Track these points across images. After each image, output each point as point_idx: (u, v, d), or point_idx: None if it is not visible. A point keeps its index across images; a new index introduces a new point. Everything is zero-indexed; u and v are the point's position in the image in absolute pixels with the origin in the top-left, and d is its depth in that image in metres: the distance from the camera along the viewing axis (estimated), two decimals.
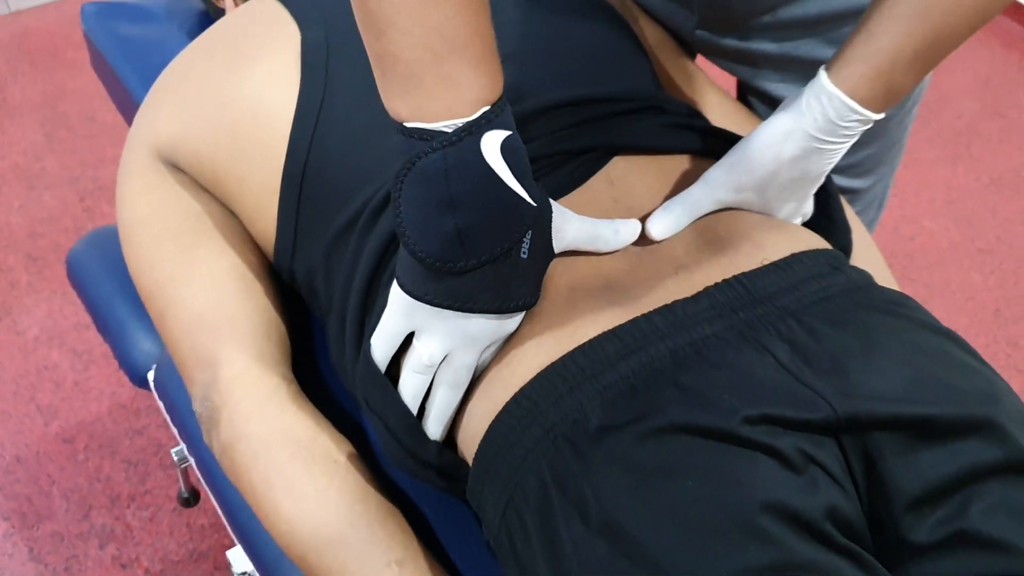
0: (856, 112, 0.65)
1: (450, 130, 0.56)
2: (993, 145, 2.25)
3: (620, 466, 0.57)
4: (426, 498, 0.75)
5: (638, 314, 0.64)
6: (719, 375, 0.60)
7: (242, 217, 0.80)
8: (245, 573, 0.92)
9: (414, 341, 0.64)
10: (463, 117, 0.57)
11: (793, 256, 0.69)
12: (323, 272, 0.75)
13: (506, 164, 0.58)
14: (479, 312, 0.62)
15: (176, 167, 0.81)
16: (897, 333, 0.65)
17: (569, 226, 0.66)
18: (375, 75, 0.58)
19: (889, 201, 1.03)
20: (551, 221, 0.64)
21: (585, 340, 0.63)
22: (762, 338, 0.62)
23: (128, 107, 1.11)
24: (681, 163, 0.77)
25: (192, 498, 1.13)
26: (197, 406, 0.74)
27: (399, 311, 0.63)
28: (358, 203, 0.72)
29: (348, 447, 0.72)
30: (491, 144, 0.58)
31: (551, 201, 0.64)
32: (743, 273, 0.67)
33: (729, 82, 1.03)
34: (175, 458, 1.01)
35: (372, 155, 0.73)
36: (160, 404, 0.92)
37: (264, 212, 0.78)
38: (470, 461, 0.66)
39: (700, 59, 1.01)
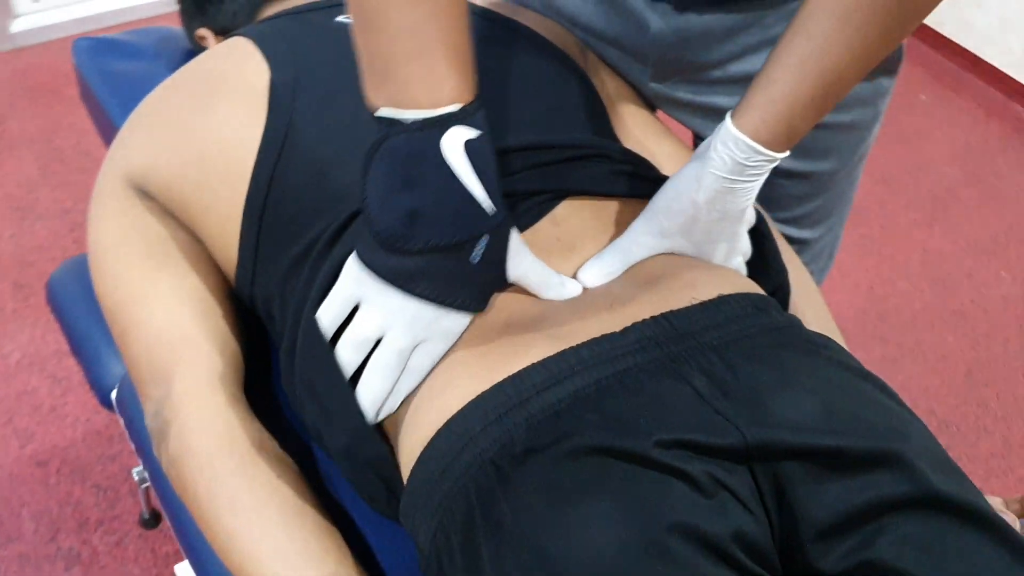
0: (760, 153, 0.70)
1: (415, 119, 0.62)
2: (971, 210, 2.30)
3: (537, 486, 0.60)
4: (365, 519, 0.77)
5: (567, 346, 0.67)
6: (637, 402, 0.63)
7: (207, 243, 0.84)
8: None
9: (356, 313, 0.68)
10: (429, 110, 0.62)
11: (721, 297, 0.72)
12: (278, 299, 0.78)
13: (470, 163, 0.64)
14: (418, 296, 0.66)
15: (147, 194, 0.84)
16: (813, 370, 0.68)
17: (523, 261, 0.70)
18: (362, 69, 0.64)
19: (864, 261, 1.06)
20: (508, 240, 0.68)
21: (516, 370, 0.65)
22: (682, 370, 0.65)
23: (112, 139, 1.15)
24: (624, 207, 0.80)
25: (152, 519, 1.15)
26: (149, 421, 0.77)
27: (349, 278, 0.68)
28: (313, 233, 0.76)
29: (292, 465, 0.75)
30: (453, 140, 0.63)
31: (515, 231, 0.68)
32: (671, 311, 0.70)
33: (687, 134, 1.07)
34: (136, 478, 1.03)
35: (329, 189, 0.77)
36: (121, 422, 0.95)
37: (227, 240, 0.81)
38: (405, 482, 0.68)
39: (660, 112, 1.06)
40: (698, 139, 1.05)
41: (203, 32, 1.07)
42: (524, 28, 0.93)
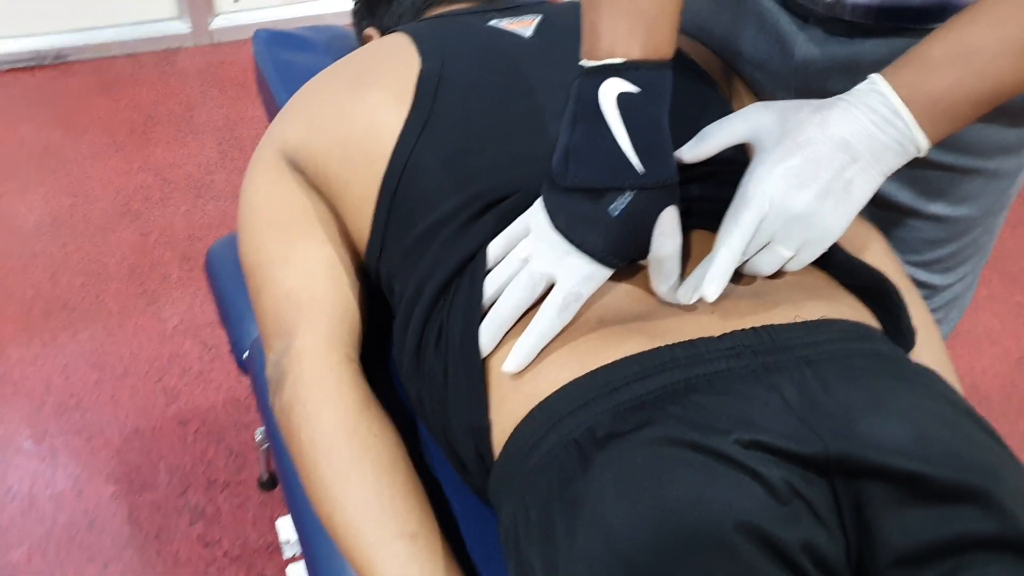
0: (902, 121, 0.69)
1: (588, 66, 0.71)
2: None
3: (615, 469, 0.62)
4: (451, 486, 0.81)
5: (662, 344, 0.69)
6: (722, 401, 0.64)
7: (344, 218, 0.90)
8: (288, 542, 1.00)
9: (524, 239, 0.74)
10: (595, 61, 0.70)
11: (824, 319, 0.72)
12: (400, 273, 0.83)
13: (620, 115, 0.69)
14: (554, 226, 0.71)
15: (297, 167, 0.91)
16: (910, 397, 0.67)
17: (669, 243, 0.71)
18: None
19: (1019, 329, 1.00)
20: (661, 208, 0.71)
21: (607, 362, 0.68)
22: (774, 379, 0.66)
23: None
24: None
25: (270, 482, 1.21)
26: (269, 370, 0.84)
27: (528, 211, 0.75)
28: (438, 213, 0.81)
29: (392, 428, 0.80)
30: (609, 89, 0.70)
31: (673, 209, 0.71)
32: (772, 324, 0.71)
33: None
34: (257, 438, 1.10)
35: (459, 173, 0.82)
36: (248, 383, 1.02)
37: (361, 215, 0.87)
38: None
39: None
40: None
41: (370, 31, 1.15)
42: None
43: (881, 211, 0.99)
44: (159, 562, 1.47)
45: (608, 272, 0.72)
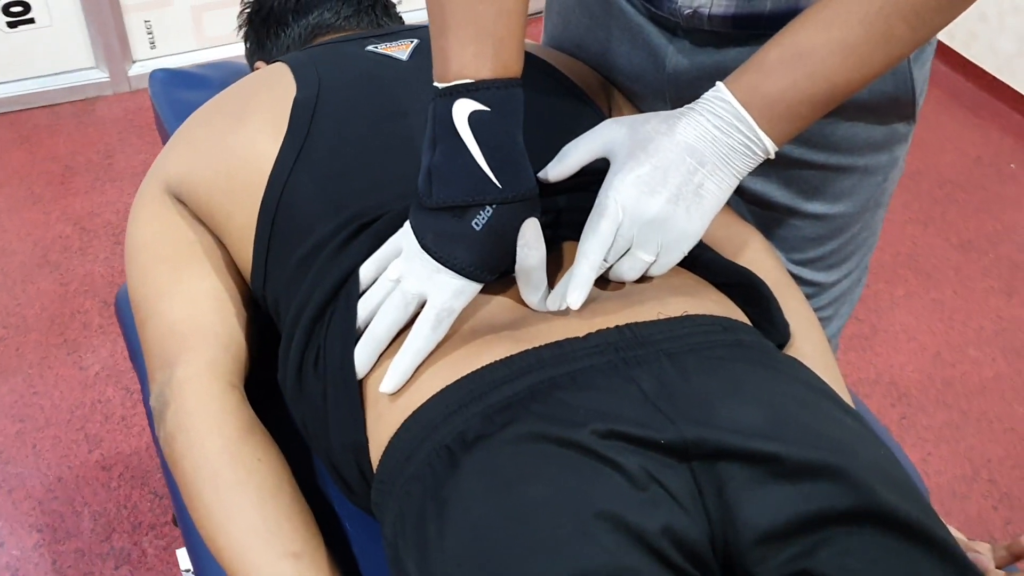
0: (746, 124, 0.73)
1: (441, 87, 0.72)
2: None
3: (480, 470, 0.64)
4: (344, 507, 0.82)
5: (529, 347, 0.71)
6: (583, 396, 0.66)
7: (229, 248, 0.91)
8: (188, 571, 0.99)
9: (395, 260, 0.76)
10: (445, 82, 0.72)
11: (687, 315, 0.75)
12: (284, 299, 0.85)
13: (473, 133, 0.71)
14: (421, 246, 0.72)
15: (180, 200, 0.92)
16: (769, 383, 0.70)
17: (533, 255, 0.74)
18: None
19: (934, 326, 1.03)
20: (522, 220, 0.73)
21: (478, 367, 0.70)
22: (634, 372, 0.68)
23: None
24: None
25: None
26: (153, 401, 0.84)
27: (399, 232, 0.76)
28: (316, 237, 0.82)
29: (277, 452, 0.80)
30: (461, 109, 0.71)
31: (533, 222, 0.73)
32: (635, 322, 0.73)
33: None
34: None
35: (336, 197, 0.83)
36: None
37: (245, 244, 0.88)
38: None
39: None
40: None
41: (260, 65, 1.17)
42: (541, 62, 0.99)
43: (762, 211, 1.03)
44: None
45: (478, 286, 0.73)
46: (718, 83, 0.75)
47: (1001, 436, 1.86)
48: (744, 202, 1.03)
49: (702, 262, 0.82)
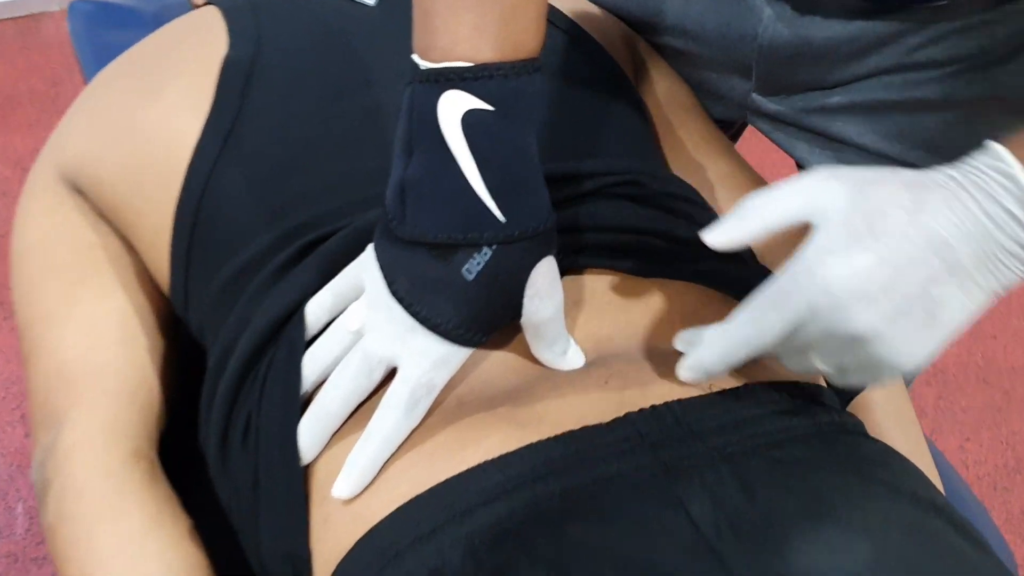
0: None
1: (425, 67, 0.50)
2: None
3: None
4: None
5: (535, 439, 0.51)
6: (609, 532, 0.46)
7: (142, 255, 0.70)
8: None
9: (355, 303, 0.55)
10: (429, 61, 0.50)
11: (748, 386, 0.54)
12: (210, 329, 0.64)
13: (467, 143, 0.49)
14: (392, 291, 0.51)
15: (79, 191, 0.71)
16: (864, 500, 0.50)
17: (550, 305, 0.53)
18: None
19: None
20: (532, 263, 0.51)
21: (461, 469, 0.50)
22: (679, 488, 0.48)
23: None
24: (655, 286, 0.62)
25: None
26: (34, 475, 0.64)
27: (360, 258, 0.55)
28: (248, 253, 0.61)
29: (191, 548, 0.60)
30: (450, 105, 0.49)
31: (550, 262, 0.52)
32: (680, 400, 0.53)
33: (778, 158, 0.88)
34: None
35: (269, 201, 0.62)
36: None
37: (159, 253, 0.67)
38: None
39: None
40: (800, 168, 0.86)
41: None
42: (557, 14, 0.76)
43: None
44: None
45: (468, 352, 0.53)
46: (992, 144, 0.49)
47: None
48: None
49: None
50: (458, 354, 0.52)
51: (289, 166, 0.63)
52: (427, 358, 0.51)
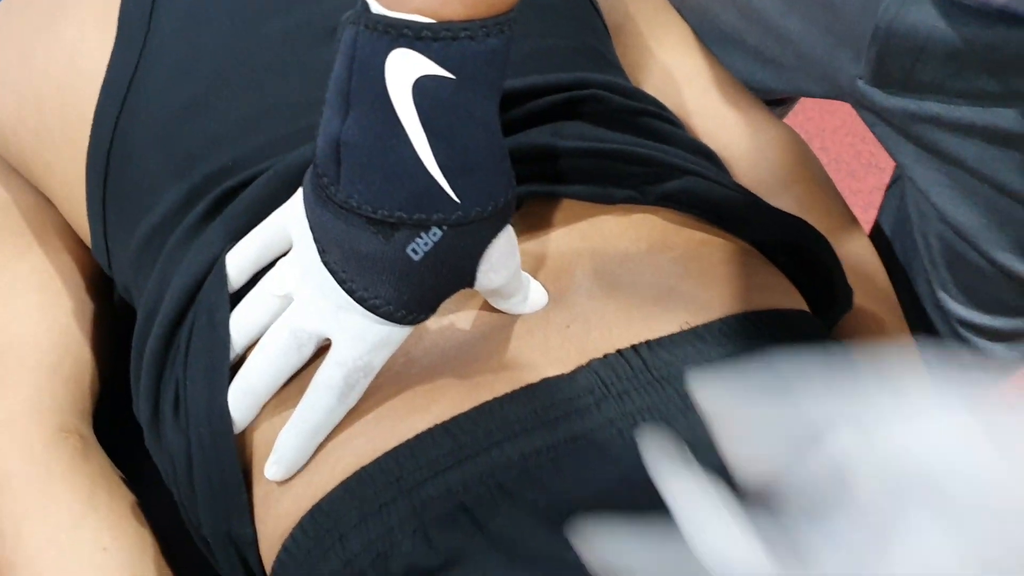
0: None
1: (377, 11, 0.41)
2: None
3: None
4: None
5: (489, 397, 0.46)
6: (576, 497, 0.43)
7: (60, 211, 0.64)
8: None
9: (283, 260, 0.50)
10: (386, 9, 0.41)
11: (726, 319, 0.49)
12: (135, 291, 0.58)
13: (419, 115, 0.41)
14: (324, 261, 0.45)
15: None
16: None
17: (505, 272, 0.47)
18: None
19: None
20: (486, 242, 0.45)
21: (408, 437, 0.45)
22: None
23: None
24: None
25: None
26: None
27: (286, 207, 0.49)
28: (164, 207, 0.55)
29: (131, 526, 0.55)
30: (400, 68, 0.41)
31: (508, 233, 0.46)
32: (648, 341, 0.48)
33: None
34: None
35: (179, 147, 0.55)
36: None
37: (76, 207, 0.61)
38: None
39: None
40: (905, 181, 0.74)
41: None
42: None
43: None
44: None
45: (409, 330, 0.47)
46: None
47: None
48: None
49: (737, 213, 0.56)
50: (399, 333, 0.46)
51: (198, 104, 0.56)
52: (364, 339, 0.45)
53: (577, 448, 0.44)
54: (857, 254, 0.68)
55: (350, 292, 0.44)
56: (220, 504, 0.50)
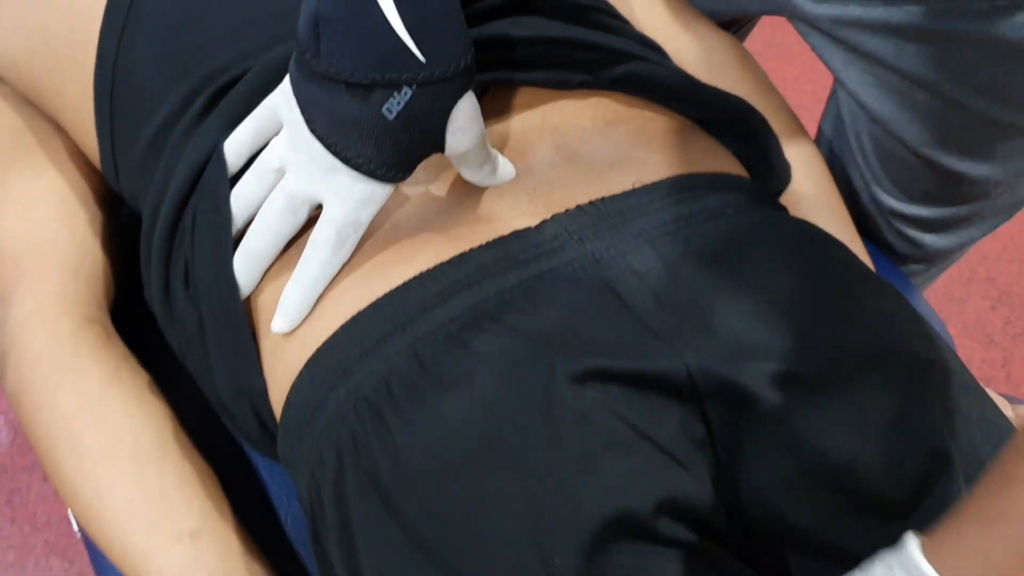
0: None
1: None
2: None
3: (413, 442, 0.48)
4: (241, 460, 0.65)
5: (467, 248, 0.53)
6: (544, 319, 0.50)
7: (70, 133, 0.70)
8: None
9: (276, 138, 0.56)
10: None
11: (672, 178, 0.56)
12: (141, 194, 0.65)
13: None
14: (311, 129, 0.51)
15: None
16: (783, 268, 0.53)
17: (471, 136, 0.54)
18: None
19: None
20: (453, 102, 0.51)
21: (399, 283, 0.52)
22: (608, 274, 0.51)
23: None
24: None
25: None
26: None
27: (277, 91, 0.55)
28: (166, 109, 0.61)
29: (152, 399, 0.62)
30: None
31: (470, 98, 0.53)
32: (604, 197, 0.55)
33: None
34: None
35: (177, 57, 0.62)
36: None
37: (84, 127, 0.67)
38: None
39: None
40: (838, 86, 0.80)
41: None
42: None
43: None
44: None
45: (392, 188, 0.54)
46: (909, 543, 0.41)
47: None
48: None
49: (680, 92, 0.63)
50: (382, 191, 0.53)
51: (191, 18, 0.62)
52: (351, 197, 0.52)
53: (544, 281, 0.51)
54: (804, 153, 0.74)
55: (336, 154, 0.51)
56: (232, 362, 0.56)
